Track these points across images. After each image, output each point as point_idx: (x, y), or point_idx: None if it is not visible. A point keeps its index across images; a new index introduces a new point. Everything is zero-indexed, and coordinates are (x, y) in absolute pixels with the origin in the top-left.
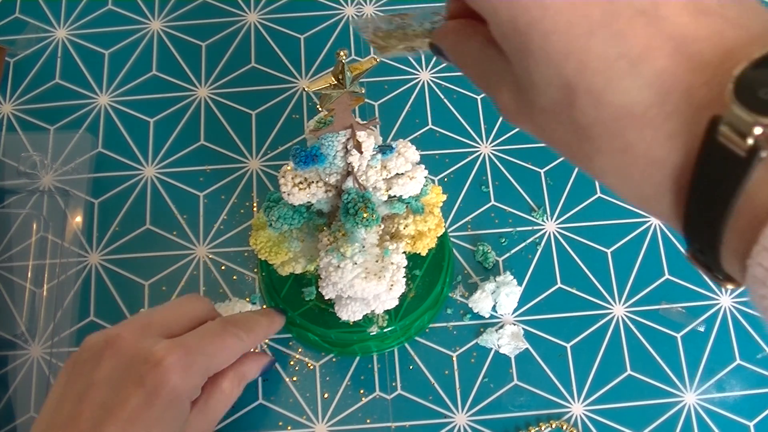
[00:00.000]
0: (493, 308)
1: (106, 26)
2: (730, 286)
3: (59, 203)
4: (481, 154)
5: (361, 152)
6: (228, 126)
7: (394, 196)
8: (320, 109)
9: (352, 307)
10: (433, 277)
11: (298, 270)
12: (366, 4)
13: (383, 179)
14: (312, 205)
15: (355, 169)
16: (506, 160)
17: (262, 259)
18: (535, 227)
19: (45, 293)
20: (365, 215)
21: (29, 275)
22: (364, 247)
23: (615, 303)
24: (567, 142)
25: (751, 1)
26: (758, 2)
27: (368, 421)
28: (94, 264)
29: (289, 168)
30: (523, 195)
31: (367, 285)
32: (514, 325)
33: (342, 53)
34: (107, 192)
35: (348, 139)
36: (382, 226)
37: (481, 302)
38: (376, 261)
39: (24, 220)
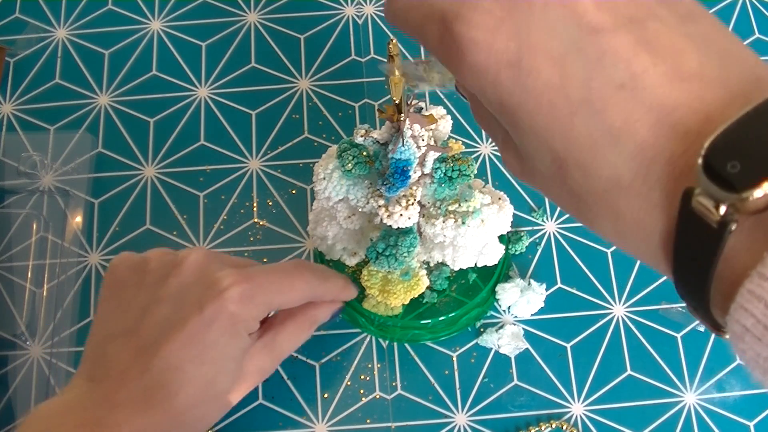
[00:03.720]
0: (509, 307)
1: (106, 26)
2: (727, 337)
3: (59, 203)
4: (481, 154)
5: (434, 122)
6: (228, 126)
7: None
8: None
9: (491, 248)
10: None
11: (427, 282)
12: (366, 4)
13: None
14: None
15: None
16: None
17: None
18: (536, 227)
19: (45, 293)
20: (466, 164)
21: (29, 275)
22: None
23: (615, 303)
24: (568, 205)
25: (736, 47)
26: (744, 47)
27: (368, 421)
28: (94, 264)
29: (383, 205)
30: (523, 195)
31: (501, 210)
32: (514, 325)
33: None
34: (107, 192)
35: (409, 128)
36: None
37: (508, 293)
38: (481, 188)
39: (24, 220)
